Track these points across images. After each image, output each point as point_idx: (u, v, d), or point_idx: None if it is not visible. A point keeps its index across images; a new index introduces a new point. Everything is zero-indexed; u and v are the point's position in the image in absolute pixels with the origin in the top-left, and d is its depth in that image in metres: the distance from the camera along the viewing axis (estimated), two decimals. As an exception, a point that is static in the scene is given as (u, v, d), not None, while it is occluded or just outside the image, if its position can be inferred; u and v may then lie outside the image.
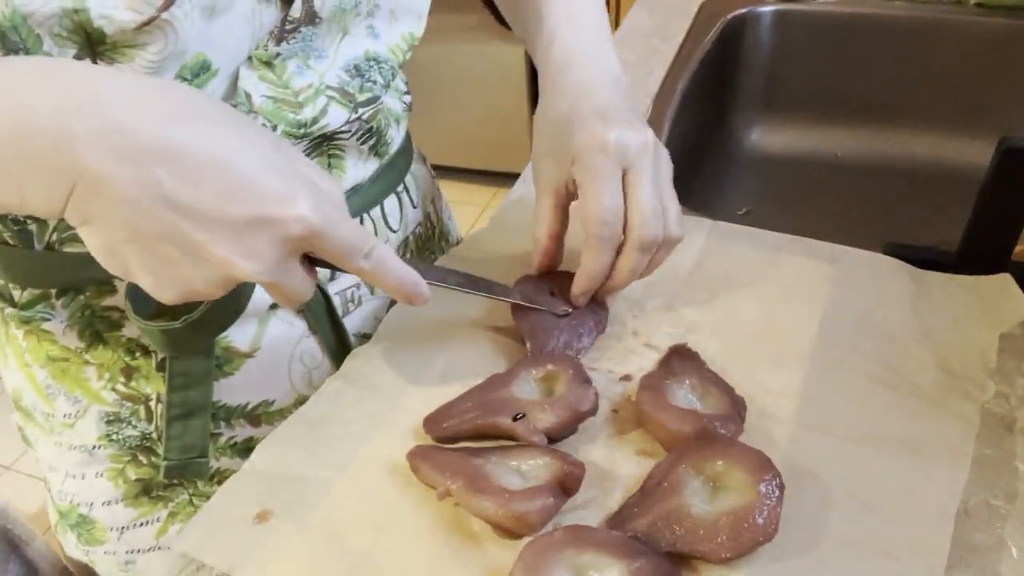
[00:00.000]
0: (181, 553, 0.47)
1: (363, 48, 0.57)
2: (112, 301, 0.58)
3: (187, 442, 0.60)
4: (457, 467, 0.47)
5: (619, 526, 0.45)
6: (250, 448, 0.52)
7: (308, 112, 0.54)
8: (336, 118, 0.56)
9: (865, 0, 1.04)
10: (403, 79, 0.66)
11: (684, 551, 0.43)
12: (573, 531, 0.43)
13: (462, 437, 0.51)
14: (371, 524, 0.47)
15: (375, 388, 0.56)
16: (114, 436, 0.63)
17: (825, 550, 0.44)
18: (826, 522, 0.45)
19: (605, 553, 0.42)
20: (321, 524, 0.47)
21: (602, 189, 0.54)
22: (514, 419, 0.50)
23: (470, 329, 0.61)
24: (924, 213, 0.96)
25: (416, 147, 0.75)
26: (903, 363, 0.55)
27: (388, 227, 0.68)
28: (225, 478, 0.51)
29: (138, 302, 0.54)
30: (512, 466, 0.48)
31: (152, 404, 0.62)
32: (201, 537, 0.47)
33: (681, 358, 0.55)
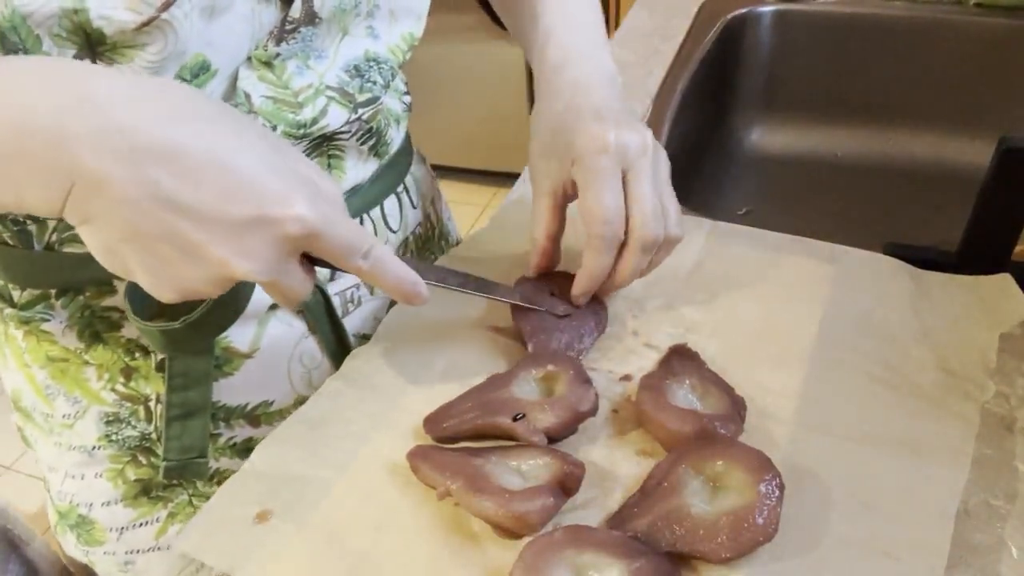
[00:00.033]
0: (181, 553, 0.47)
1: (363, 48, 0.57)
2: (112, 301, 0.58)
3: (186, 443, 0.60)
4: (457, 467, 0.47)
5: (619, 526, 0.45)
6: (249, 449, 0.52)
7: (308, 112, 0.54)
8: (336, 118, 0.56)
9: (865, 0, 1.04)
10: (403, 79, 0.66)
11: (684, 551, 0.43)
12: (573, 531, 0.43)
13: (462, 437, 0.51)
14: (371, 524, 0.47)
15: (375, 388, 0.56)
16: (113, 436, 0.63)
17: (825, 550, 0.44)
18: (826, 522, 0.45)
19: (605, 553, 0.42)
20: (321, 524, 0.47)
21: (604, 190, 0.54)
22: (514, 419, 0.50)
23: (470, 329, 0.60)
24: (924, 213, 0.96)
25: (416, 147, 0.75)
26: (903, 363, 0.55)
27: (388, 227, 0.68)
28: (224, 479, 0.51)
29: (137, 303, 0.54)
30: (512, 466, 0.48)
31: (152, 404, 0.62)
32: (201, 537, 0.47)
33: (681, 358, 0.55)
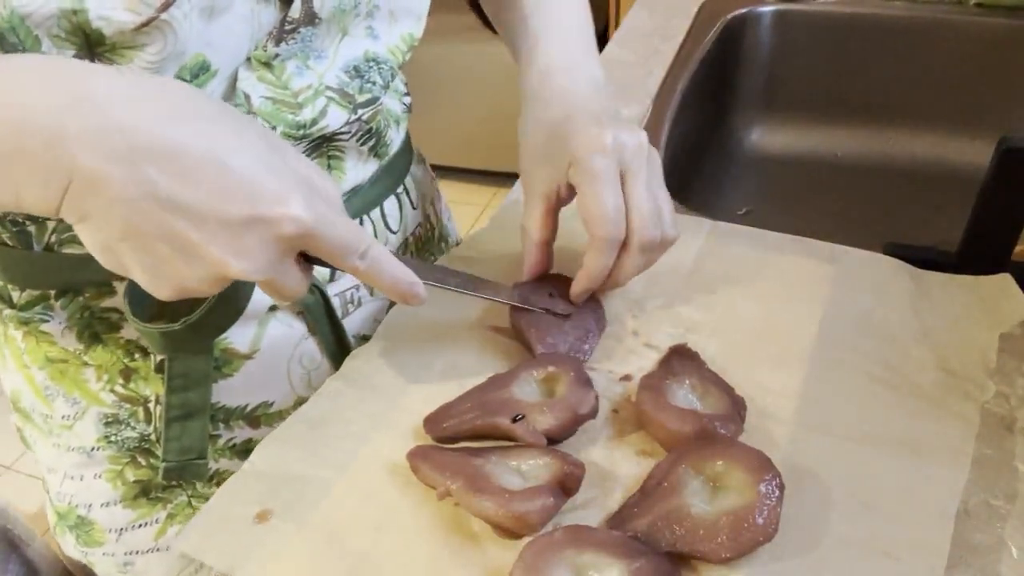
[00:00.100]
0: (180, 554, 0.47)
1: (362, 49, 0.57)
2: (111, 302, 0.57)
3: (186, 444, 0.60)
4: (457, 467, 0.47)
5: (619, 526, 0.45)
6: (249, 450, 0.52)
7: (307, 113, 0.54)
8: (335, 119, 0.56)
9: (865, 0, 1.04)
10: (402, 80, 0.66)
11: (684, 551, 0.43)
12: (573, 531, 0.43)
13: (462, 437, 0.51)
14: (371, 524, 0.47)
15: (375, 388, 0.56)
16: (113, 437, 0.63)
17: (825, 550, 0.44)
18: (826, 522, 0.45)
19: (605, 553, 0.42)
20: (321, 524, 0.47)
21: (604, 191, 0.53)
22: (513, 420, 0.50)
23: (470, 329, 0.60)
24: (924, 213, 0.96)
25: (416, 148, 0.75)
26: (903, 363, 0.55)
27: (388, 228, 0.68)
28: (224, 480, 0.50)
29: (136, 304, 0.54)
30: (512, 466, 0.48)
31: (151, 405, 0.62)
32: (201, 537, 0.47)
33: (681, 358, 0.55)
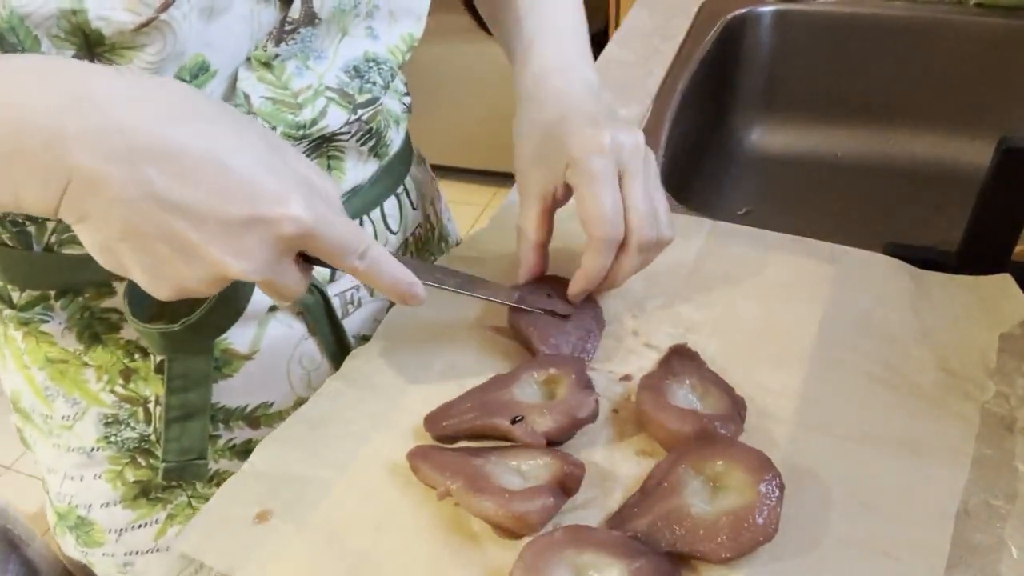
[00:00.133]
0: (180, 554, 0.47)
1: (362, 49, 0.57)
2: (111, 303, 0.57)
3: (186, 444, 0.60)
4: (457, 467, 0.47)
5: (619, 526, 0.45)
6: (249, 450, 0.52)
7: (307, 113, 0.54)
8: (335, 119, 0.56)
9: (865, 0, 1.04)
10: (402, 80, 0.66)
11: (684, 551, 0.43)
12: (573, 531, 0.43)
13: (462, 436, 0.51)
14: (371, 524, 0.47)
15: (375, 388, 0.56)
16: (113, 438, 0.63)
17: (825, 550, 0.44)
18: (826, 522, 0.45)
19: (605, 553, 0.42)
20: (321, 524, 0.47)
21: (603, 191, 0.53)
22: (512, 421, 0.50)
23: (469, 329, 0.60)
24: (924, 213, 0.96)
25: (416, 148, 0.75)
26: (903, 363, 0.55)
27: (388, 229, 0.68)
28: (224, 480, 0.50)
29: (136, 304, 0.54)
30: (512, 466, 0.48)
31: (151, 406, 0.62)
32: (201, 538, 0.47)
33: (681, 358, 0.55)
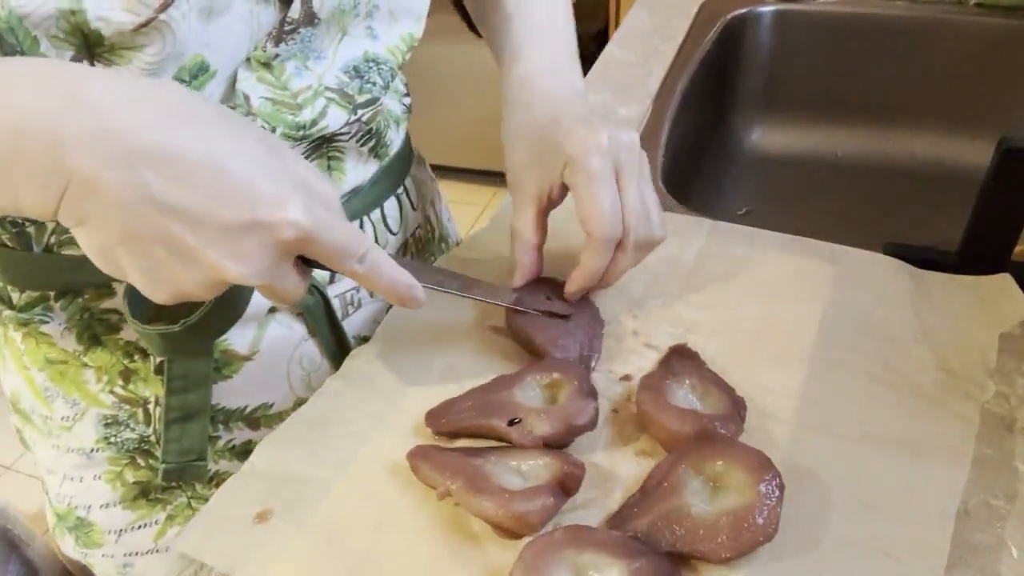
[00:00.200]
0: (180, 554, 0.47)
1: (362, 49, 0.57)
2: (110, 304, 0.57)
3: (185, 445, 0.60)
4: (457, 467, 0.47)
5: (619, 526, 0.45)
6: (249, 451, 0.52)
7: (307, 114, 0.54)
8: (335, 120, 0.56)
9: (865, 0, 1.04)
10: (402, 80, 0.66)
11: (684, 551, 0.43)
12: (573, 531, 0.43)
13: (461, 434, 0.51)
14: (371, 524, 0.47)
15: (375, 388, 0.56)
16: (112, 439, 0.63)
17: (825, 550, 0.44)
18: (826, 522, 0.45)
19: (605, 553, 0.42)
20: (321, 524, 0.47)
21: (601, 190, 0.53)
22: (510, 423, 0.50)
23: (468, 330, 0.60)
24: (924, 213, 0.96)
25: (416, 149, 0.75)
26: (903, 363, 0.55)
27: (388, 229, 0.68)
28: (223, 481, 0.50)
29: (136, 306, 0.53)
30: (512, 466, 0.48)
31: (151, 407, 0.62)
32: (200, 538, 0.47)
33: (681, 358, 0.55)
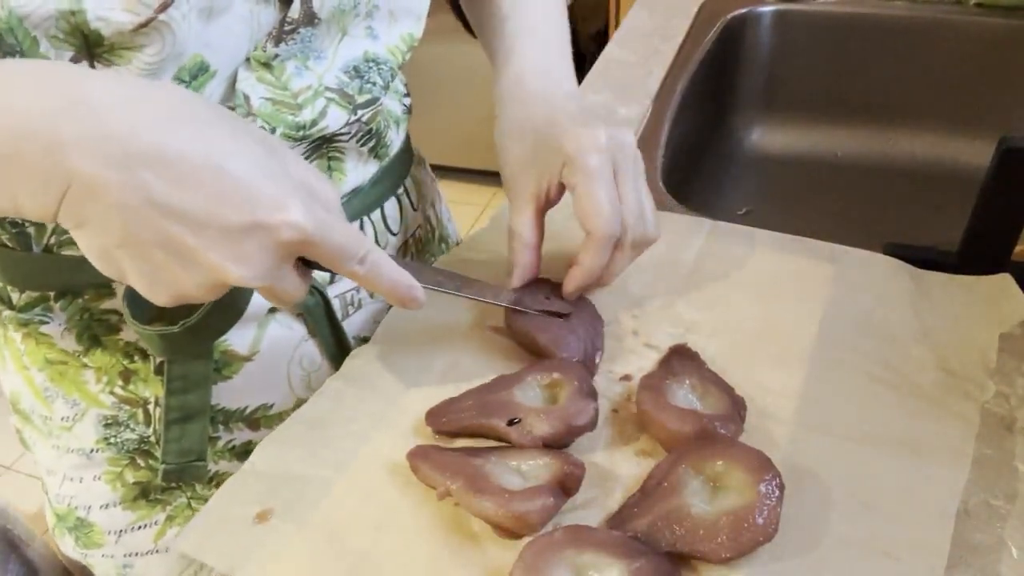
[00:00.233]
0: (180, 554, 0.47)
1: (362, 49, 0.57)
2: (110, 304, 0.57)
3: (185, 446, 0.59)
4: (457, 467, 0.47)
5: (619, 526, 0.45)
6: (248, 452, 0.52)
7: (307, 114, 0.54)
8: (335, 120, 0.56)
9: (865, 0, 1.04)
10: (402, 81, 0.66)
11: (684, 551, 0.43)
12: (573, 531, 0.43)
13: (461, 433, 0.51)
14: (371, 524, 0.47)
15: (375, 388, 0.56)
16: (112, 439, 0.63)
17: (825, 550, 0.44)
18: (826, 522, 0.45)
19: (605, 553, 0.42)
20: (321, 524, 0.47)
21: (601, 189, 0.53)
22: (509, 423, 0.50)
23: (469, 330, 0.60)
24: (924, 213, 0.96)
25: (416, 149, 0.75)
26: (903, 363, 0.55)
27: (388, 230, 0.68)
28: (223, 481, 0.50)
29: (136, 306, 0.53)
30: (512, 466, 0.48)
31: (150, 407, 0.62)
32: (200, 538, 0.47)
33: (681, 358, 0.55)
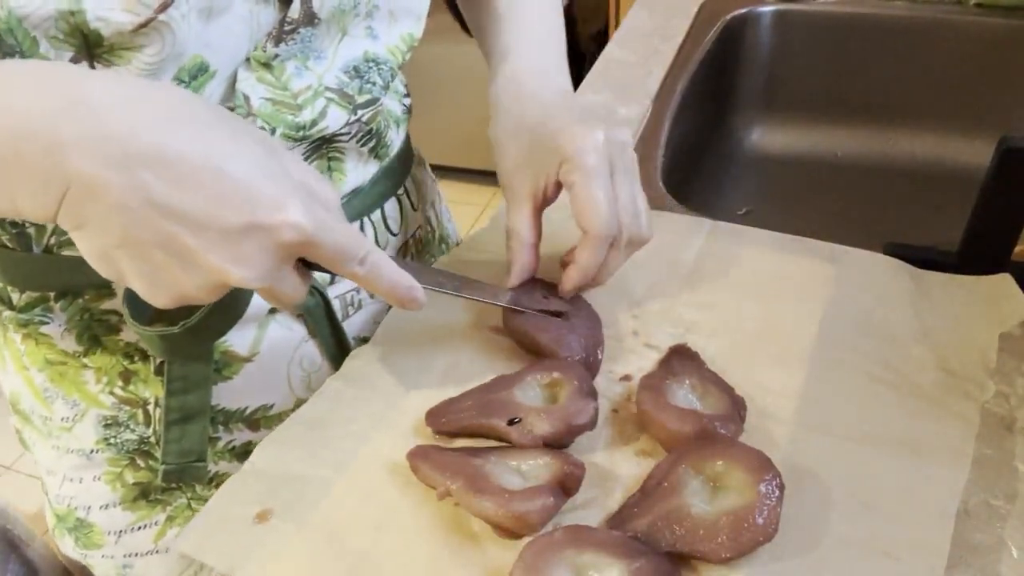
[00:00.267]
0: (180, 554, 0.47)
1: (362, 49, 0.57)
2: (110, 304, 0.57)
3: (185, 446, 0.60)
4: (457, 467, 0.47)
5: (619, 526, 0.45)
6: (248, 452, 0.52)
7: (307, 114, 0.54)
8: (335, 120, 0.56)
9: (865, 0, 1.04)
10: (402, 81, 0.66)
11: (684, 551, 0.43)
12: (573, 531, 0.43)
13: (461, 433, 0.51)
14: (371, 524, 0.47)
15: (375, 388, 0.56)
16: (112, 440, 0.63)
17: (825, 550, 0.44)
18: (826, 522, 0.45)
19: (605, 553, 0.42)
20: (321, 524, 0.47)
21: (599, 188, 0.54)
22: (509, 423, 0.50)
23: (469, 330, 0.60)
24: (924, 213, 0.96)
25: (416, 150, 0.75)
26: (903, 363, 0.55)
27: (388, 230, 0.68)
28: (223, 482, 0.50)
29: (136, 307, 0.53)
30: (512, 466, 0.48)
31: (150, 408, 0.62)
32: (200, 538, 0.47)
33: (681, 358, 0.55)
